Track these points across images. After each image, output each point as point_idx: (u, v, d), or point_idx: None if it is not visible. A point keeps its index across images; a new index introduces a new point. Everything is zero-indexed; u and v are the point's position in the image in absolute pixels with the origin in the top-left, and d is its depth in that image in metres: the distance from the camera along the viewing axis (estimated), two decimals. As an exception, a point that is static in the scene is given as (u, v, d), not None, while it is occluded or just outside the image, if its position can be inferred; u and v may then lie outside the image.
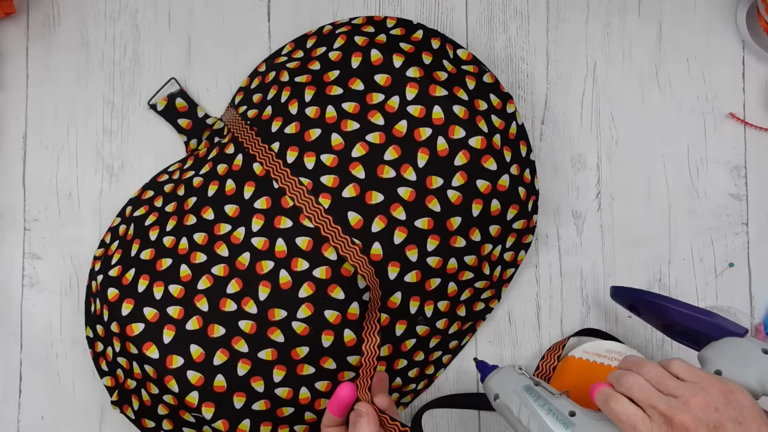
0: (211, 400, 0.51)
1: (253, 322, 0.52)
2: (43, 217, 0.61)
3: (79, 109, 0.62)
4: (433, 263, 0.54)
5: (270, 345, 0.52)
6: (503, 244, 0.58)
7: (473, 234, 0.55)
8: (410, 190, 0.53)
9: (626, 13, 0.63)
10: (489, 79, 0.57)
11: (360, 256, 0.53)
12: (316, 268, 0.52)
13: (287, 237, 0.53)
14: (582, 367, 0.57)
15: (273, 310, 0.52)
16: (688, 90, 0.63)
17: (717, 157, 0.62)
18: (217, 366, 0.51)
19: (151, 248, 0.54)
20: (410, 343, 0.57)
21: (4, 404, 0.60)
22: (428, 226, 0.54)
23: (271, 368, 0.52)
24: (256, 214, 0.53)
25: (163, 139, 0.62)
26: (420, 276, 0.54)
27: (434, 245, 0.54)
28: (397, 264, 0.53)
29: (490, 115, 0.55)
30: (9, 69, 0.62)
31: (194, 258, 0.53)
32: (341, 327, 0.53)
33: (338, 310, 0.53)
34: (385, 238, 0.53)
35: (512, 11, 0.63)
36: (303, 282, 0.52)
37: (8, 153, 0.62)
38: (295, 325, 0.52)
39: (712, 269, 0.62)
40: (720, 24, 0.63)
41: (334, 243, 0.52)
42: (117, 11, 0.62)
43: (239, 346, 0.52)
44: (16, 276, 0.61)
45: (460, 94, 0.55)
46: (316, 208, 0.53)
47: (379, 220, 0.53)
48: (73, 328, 0.60)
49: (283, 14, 0.63)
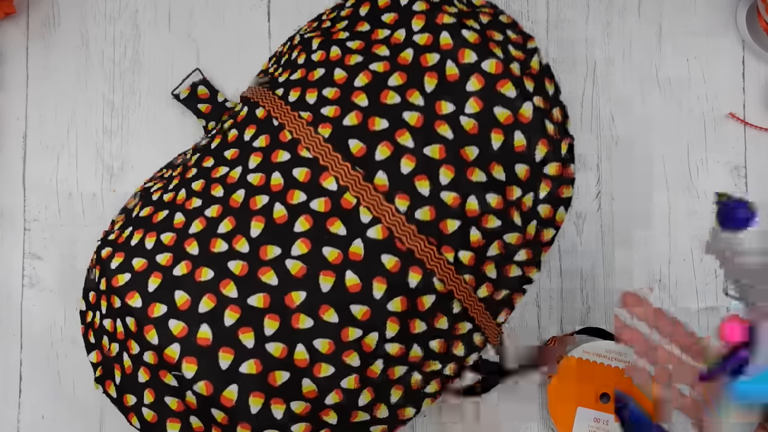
0: (194, 355, 0.46)
1: (243, 263, 0.47)
2: (43, 217, 0.61)
3: (79, 109, 0.62)
4: (448, 199, 0.47)
5: (261, 288, 0.46)
6: (535, 192, 0.50)
7: (494, 169, 0.48)
8: (417, 115, 0.48)
9: (626, 14, 0.63)
10: (506, 20, 0.52)
11: (363, 184, 0.47)
12: (314, 199, 0.47)
13: (284, 169, 0.48)
14: (582, 367, 0.57)
15: (266, 248, 0.47)
16: (688, 90, 0.63)
17: (717, 157, 0.63)
18: (202, 314, 0.46)
19: (150, 206, 0.51)
20: (427, 300, 0.49)
21: (4, 404, 0.60)
22: (439, 155, 0.47)
23: (261, 317, 0.46)
24: (254, 152, 0.49)
25: (163, 139, 0.62)
26: (434, 213, 0.47)
27: (448, 177, 0.47)
28: (405, 197, 0.47)
29: (507, 45, 0.50)
30: (9, 69, 0.62)
31: (189, 204, 0.49)
32: (342, 267, 0.46)
33: (338, 247, 0.47)
34: (390, 166, 0.47)
35: (512, 11, 0.63)
36: (299, 215, 0.47)
37: (8, 153, 0.62)
38: (290, 264, 0.46)
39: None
40: (720, 24, 0.63)
41: (333, 172, 0.47)
42: (117, 11, 0.62)
43: (228, 290, 0.46)
44: (16, 276, 0.61)
45: (470, 23, 0.50)
46: (315, 137, 0.48)
47: (384, 146, 0.47)
48: (74, 327, 0.60)
49: (283, 14, 0.63)
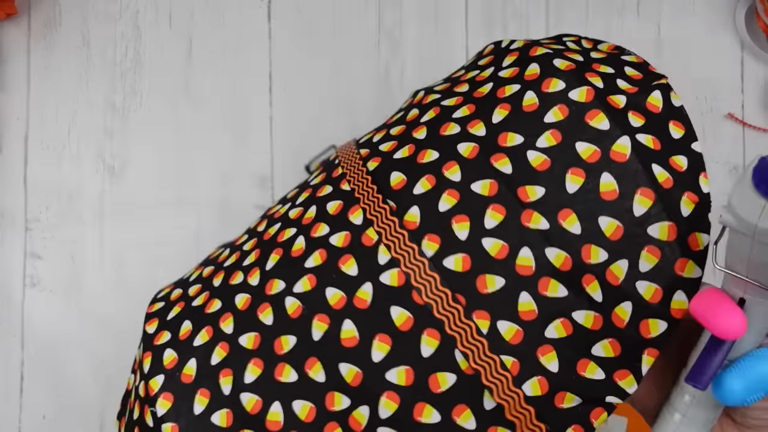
0: (173, 391, 0.41)
1: (249, 296, 0.41)
2: (45, 218, 0.61)
3: (81, 109, 0.62)
4: (492, 249, 0.36)
5: (255, 327, 0.40)
6: (632, 261, 0.36)
7: (566, 219, 0.36)
8: (473, 146, 0.38)
9: (625, 13, 0.64)
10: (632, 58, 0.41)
11: (389, 218, 0.39)
12: (335, 233, 0.40)
13: (320, 202, 0.42)
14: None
15: (273, 281, 0.41)
16: (688, 90, 0.63)
17: (716, 157, 0.63)
18: (196, 347, 0.41)
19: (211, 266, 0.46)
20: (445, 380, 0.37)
21: (5, 404, 0.60)
22: (489, 192, 0.37)
23: (247, 360, 0.40)
24: (307, 188, 0.44)
25: (164, 140, 0.62)
26: (469, 264, 0.36)
27: (496, 220, 0.36)
28: (436, 238, 0.37)
29: (616, 78, 0.39)
30: (10, 69, 0.62)
31: (238, 240, 0.46)
32: (341, 315, 0.38)
33: (343, 289, 0.38)
34: (427, 201, 0.38)
35: (512, 10, 0.63)
36: (315, 249, 0.40)
37: (9, 153, 0.62)
38: (288, 302, 0.39)
39: (711, 269, 0.62)
40: (719, 25, 0.64)
41: (363, 204, 0.40)
42: (118, 12, 0.63)
43: (225, 325, 0.41)
44: (17, 276, 0.61)
45: (572, 55, 0.40)
46: (360, 170, 0.42)
47: (426, 179, 0.38)
48: (74, 327, 0.61)
49: (283, 14, 0.63)
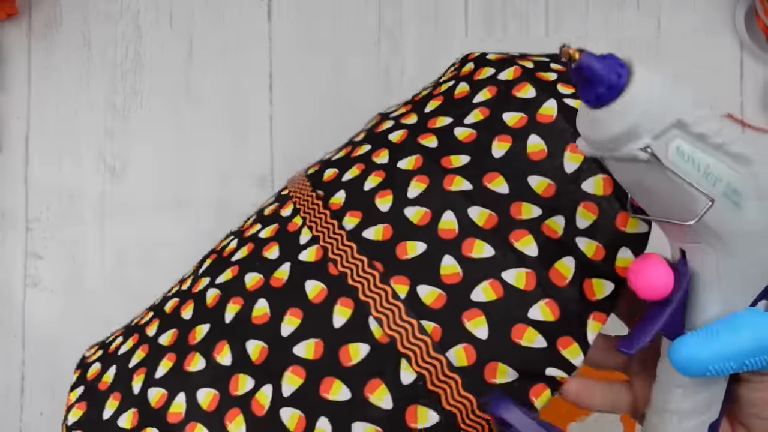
0: (87, 400, 0.39)
1: (177, 299, 0.40)
2: (45, 218, 0.61)
3: (81, 109, 0.62)
4: (414, 216, 0.34)
5: (175, 324, 0.38)
6: (569, 218, 0.34)
7: (493, 182, 0.34)
8: (402, 131, 0.38)
9: (625, 7, 0.64)
10: None
11: (314, 203, 0.37)
12: (265, 227, 0.39)
13: (259, 211, 0.41)
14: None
15: (200, 281, 0.39)
16: (687, 91, 0.63)
17: (715, 157, 0.63)
18: (120, 355, 0.39)
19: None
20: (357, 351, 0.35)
21: (6, 404, 0.60)
22: (414, 166, 0.35)
23: (161, 357, 0.37)
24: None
25: (165, 140, 0.62)
26: (390, 232, 0.34)
27: (419, 189, 0.35)
28: (357, 213, 0.35)
29: (549, 64, 0.38)
30: (11, 69, 0.62)
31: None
32: (255, 295, 0.36)
33: (262, 272, 0.36)
34: (353, 184, 0.37)
35: (512, 8, 0.64)
36: (245, 244, 0.39)
37: (10, 153, 0.62)
38: (210, 293, 0.37)
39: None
40: (718, 25, 0.64)
41: (295, 198, 0.39)
42: (119, 12, 0.63)
43: (150, 329, 0.39)
44: (17, 276, 0.61)
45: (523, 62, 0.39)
46: (302, 179, 0.40)
47: (356, 168, 0.38)
48: (75, 327, 0.61)
49: (283, 14, 0.63)
